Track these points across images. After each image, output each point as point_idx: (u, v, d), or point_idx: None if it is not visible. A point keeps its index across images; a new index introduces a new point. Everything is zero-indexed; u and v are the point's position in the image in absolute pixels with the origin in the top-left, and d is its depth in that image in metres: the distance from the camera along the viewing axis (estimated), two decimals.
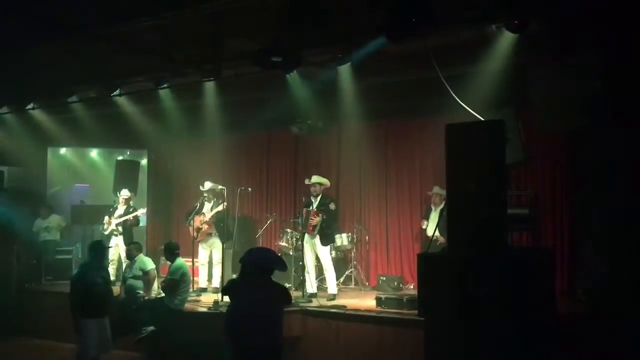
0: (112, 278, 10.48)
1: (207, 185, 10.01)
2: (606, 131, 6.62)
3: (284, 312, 5.34)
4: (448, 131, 5.44)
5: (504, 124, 5.34)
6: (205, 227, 9.84)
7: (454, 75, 6.81)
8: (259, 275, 5.09)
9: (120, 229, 10.53)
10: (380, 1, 5.64)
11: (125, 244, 10.17)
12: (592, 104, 6.19)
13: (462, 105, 6.33)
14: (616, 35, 6.15)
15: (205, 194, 10.03)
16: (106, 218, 10.70)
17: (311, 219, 8.90)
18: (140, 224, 11.53)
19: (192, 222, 9.85)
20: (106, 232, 10.73)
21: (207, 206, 9.98)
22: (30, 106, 10.45)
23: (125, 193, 10.76)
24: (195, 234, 9.87)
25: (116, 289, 9.31)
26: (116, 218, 10.60)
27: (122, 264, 10.47)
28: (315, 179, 9.19)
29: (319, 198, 9.09)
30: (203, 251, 10.00)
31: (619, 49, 6.19)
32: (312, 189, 9.11)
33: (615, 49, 6.19)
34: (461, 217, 5.45)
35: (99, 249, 7.53)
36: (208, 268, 10.09)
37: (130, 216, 10.49)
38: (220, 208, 9.71)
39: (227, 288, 5.49)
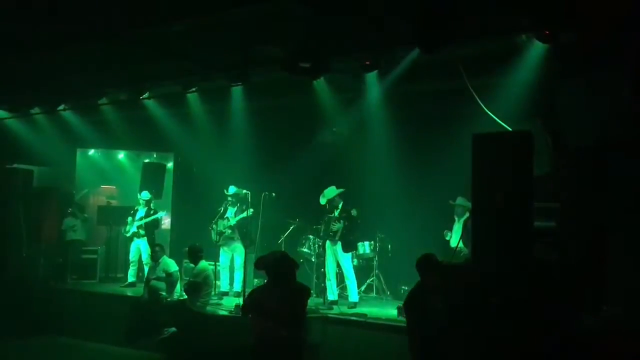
0: (133, 279, 10.67)
1: (232, 190, 10.06)
2: (637, 145, 6.49)
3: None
4: (475, 141, 5.41)
5: (532, 135, 5.28)
6: (228, 231, 9.88)
7: (483, 85, 6.78)
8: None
9: (142, 231, 10.64)
10: (412, 11, 5.62)
11: (149, 245, 10.28)
12: (622, 117, 6.08)
13: (489, 116, 6.28)
14: None
15: (229, 199, 10.08)
16: (129, 220, 10.84)
17: (332, 224, 8.89)
18: (163, 227, 11.64)
19: (214, 225, 9.90)
20: (128, 234, 10.86)
21: (231, 211, 10.02)
22: (61, 107, 10.64)
23: (145, 195, 10.88)
24: (217, 237, 9.92)
25: (139, 290, 9.47)
26: (137, 220, 10.72)
27: (143, 266, 10.60)
28: (323, 199, 9.18)
29: (340, 205, 9.09)
30: (225, 255, 10.03)
31: None
32: (331, 204, 9.12)
33: None
34: (486, 229, 5.40)
35: None
36: (230, 272, 10.12)
37: (149, 219, 10.60)
38: (244, 214, 9.73)
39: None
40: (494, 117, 6.47)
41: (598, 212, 7.52)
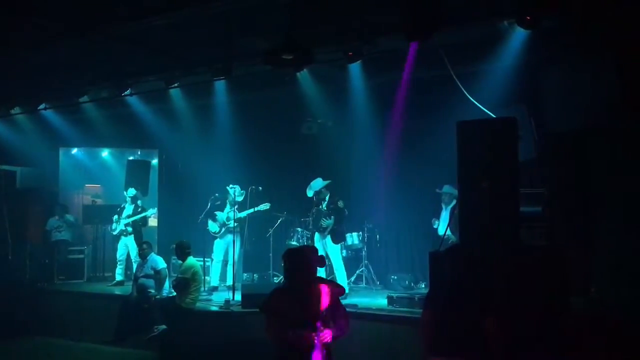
0: (121, 277, 10.61)
1: (238, 191, 10.01)
2: (621, 129, 6.54)
3: None
4: (459, 128, 5.42)
5: (516, 121, 5.30)
6: (232, 223, 9.80)
7: (466, 73, 6.79)
8: None
9: (129, 229, 10.57)
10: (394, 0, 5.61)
11: (136, 243, 10.22)
12: (607, 102, 6.12)
13: (473, 103, 6.29)
14: (632, 31, 6.07)
15: (230, 197, 10.02)
16: (115, 218, 10.76)
17: (322, 220, 8.91)
18: (150, 224, 11.57)
19: (216, 217, 9.93)
20: (115, 232, 10.78)
21: (230, 206, 9.99)
22: (42, 107, 10.51)
23: (130, 192, 10.81)
24: (219, 228, 9.92)
25: (127, 288, 9.41)
26: (124, 218, 10.65)
27: (131, 263, 10.54)
28: (310, 192, 9.19)
29: (327, 197, 9.11)
30: (220, 248, 10.01)
31: (634, 45, 6.11)
32: (318, 196, 9.14)
33: (631, 46, 6.11)
34: (473, 215, 5.43)
35: None
36: (222, 266, 10.10)
37: (138, 217, 10.54)
38: (261, 207, 9.75)
39: None
40: (477, 104, 6.48)
41: (582, 196, 7.60)
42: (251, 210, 9.82)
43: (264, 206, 9.79)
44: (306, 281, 4.14)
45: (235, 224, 9.73)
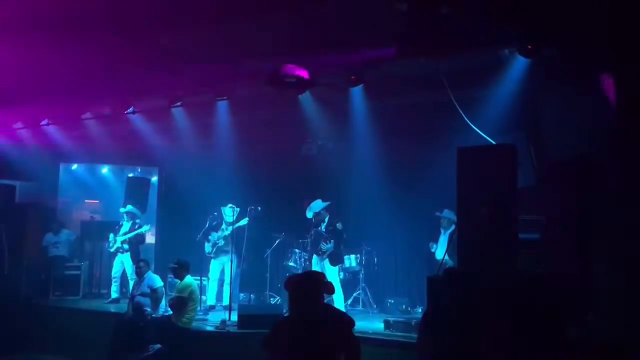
0: (116, 295, 10.56)
1: (229, 212, 10.01)
2: (620, 158, 6.58)
3: None
4: (460, 154, 5.46)
5: (516, 148, 5.34)
6: (222, 242, 9.82)
7: (466, 98, 6.84)
8: None
9: (125, 246, 10.55)
10: (396, 25, 5.69)
11: (132, 261, 10.19)
12: (606, 129, 6.17)
13: (473, 129, 6.33)
14: (631, 60, 6.14)
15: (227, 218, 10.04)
16: (111, 235, 10.75)
17: (322, 244, 8.93)
18: (148, 241, 11.56)
19: (210, 237, 9.92)
20: (112, 249, 10.76)
21: (225, 226, 9.99)
22: (44, 122, 10.56)
23: (128, 209, 10.80)
24: (211, 249, 9.87)
25: (123, 306, 9.36)
26: (121, 235, 10.63)
27: (127, 281, 10.50)
28: (309, 213, 9.23)
29: (327, 219, 9.12)
30: (216, 268, 10.00)
31: (634, 74, 6.17)
32: (318, 217, 9.17)
33: (631, 74, 6.17)
34: (471, 241, 5.44)
35: None
36: (218, 285, 10.06)
37: (133, 234, 10.52)
38: (240, 223, 9.71)
39: None
40: (478, 130, 6.53)
41: (581, 224, 7.61)
42: (231, 227, 9.79)
43: (243, 222, 9.76)
44: (313, 312, 3.69)
45: (224, 242, 9.74)
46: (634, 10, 5.69)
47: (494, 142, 6.49)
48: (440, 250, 9.15)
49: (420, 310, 9.53)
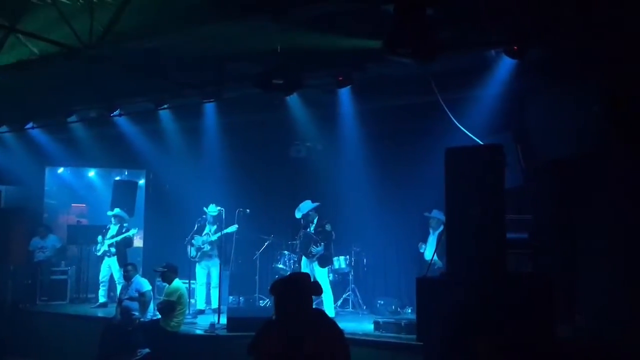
0: (104, 299, 10.48)
1: (214, 209, 9.95)
2: (606, 157, 6.63)
3: None
4: (447, 155, 5.45)
5: (503, 148, 5.36)
6: (207, 247, 9.78)
7: (454, 99, 6.86)
8: None
9: (112, 249, 10.47)
10: (383, 27, 5.68)
11: (120, 264, 10.12)
12: (591, 130, 6.21)
13: (461, 129, 6.35)
14: (616, 61, 6.20)
15: (209, 217, 9.97)
16: (99, 238, 10.66)
17: (312, 247, 8.92)
18: (136, 245, 11.48)
19: (193, 241, 9.81)
20: (99, 253, 10.67)
21: (210, 227, 9.92)
22: (29, 125, 10.47)
23: (115, 212, 10.73)
24: (195, 253, 9.82)
25: (111, 310, 9.29)
26: (108, 239, 10.55)
27: (115, 285, 10.42)
28: (298, 214, 9.22)
29: (316, 220, 9.12)
30: (201, 272, 9.93)
31: (619, 75, 6.23)
32: (307, 219, 9.16)
33: (616, 75, 6.23)
34: (460, 241, 5.44)
35: None
36: (206, 289, 10.01)
37: (120, 237, 10.45)
38: (228, 230, 9.66)
39: None
40: (465, 131, 6.55)
41: (568, 223, 7.67)
42: (219, 233, 9.74)
43: (232, 228, 9.70)
44: (301, 316, 3.47)
45: (210, 247, 9.70)
46: (618, 12, 5.74)
47: (481, 143, 6.51)
48: (429, 251, 9.17)
49: (410, 310, 9.55)
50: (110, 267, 10.53)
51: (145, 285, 8.58)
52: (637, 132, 6.09)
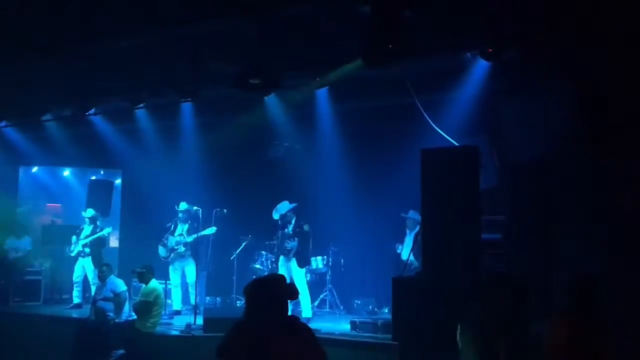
0: (78, 300, 10.35)
1: (183, 206, 9.92)
2: (577, 158, 6.76)
3: None
4: (423, 156, 5.52)
5: (478, 149, 5.43)
6: (181, 248, 9.70)
7: (430, 101, 6.93)
8: None
9: (87, 249, 10.35)
10: (360, 27, 5.73)
11: (94, 265, 10.00)
12: (565, 131, 6.32)
13: (437, 131, 6.42)
14: (589, 63, 6.32)
15: (180, 215, 9.93)
16: (74, 238, 10.54)
17: (287, 242, 8.89)
18: (111, 245, 11.37)
19: (165, 242, 9.73)
20: (73, 254, 10.53)
21: (182, 227, 9.86)
22: (2, 124, 10.31)
23: (89, 213, 10.61)
24: (168, 254, 9.74)
25: (85, 311, 9.18)
26: (83, 239, 10.43)
27: (89, 286, 10.30)
28: (276, 214, 9.20)
29: (293, 220, 9.11)
30: (175, 272, 9.84)
31: (592, 77, 6.35)
32: (284, 219, 9.15)
33: (588, 77, 6.34)
34: (435, 241, 5.51)
35: None
36: (182, 290, 9.94)
37: (93, 237, 10.33)
38: (206, 232, 9.60)
39: None
40: (441, 132, 6.62)
41: (541, 223, 7.79)
42: (194, 235, 9.66)
43: (210, 230, 9.64)
44: (273, 319, 3.32)
45: (184, 249, 9.63)
46: (591, 13, 5.85)
47: (457, 144, 6.59)
48: (405, 251, 9.23)
49: (386, 310, 9.60)
50: (84, 268, 10.39)
51: (121, 285, 8.50)
52: (605, 132, 6.22)
